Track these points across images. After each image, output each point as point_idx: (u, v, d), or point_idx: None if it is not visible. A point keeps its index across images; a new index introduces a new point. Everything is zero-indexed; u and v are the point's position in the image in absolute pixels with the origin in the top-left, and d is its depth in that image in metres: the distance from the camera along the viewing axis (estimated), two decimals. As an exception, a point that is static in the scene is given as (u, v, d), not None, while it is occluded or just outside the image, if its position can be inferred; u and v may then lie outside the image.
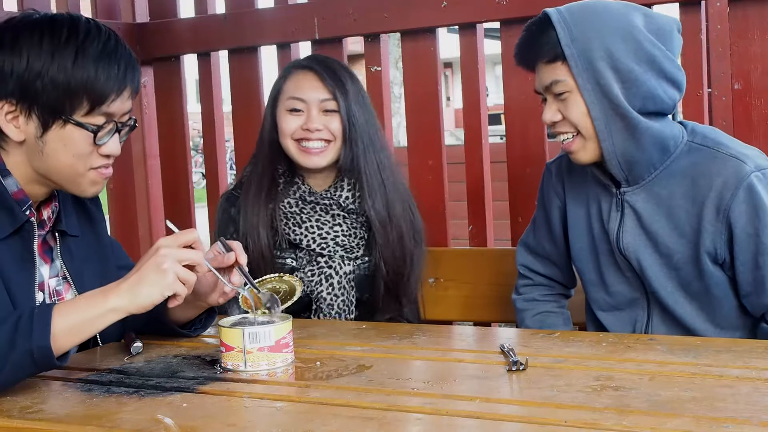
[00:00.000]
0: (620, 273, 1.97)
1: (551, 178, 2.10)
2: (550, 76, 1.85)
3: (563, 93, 1.84)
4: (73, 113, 1.56)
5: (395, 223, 2.19)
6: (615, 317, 2.01)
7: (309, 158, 2.16)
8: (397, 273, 2.20)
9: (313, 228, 2.17)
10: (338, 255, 2.17)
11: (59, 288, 1.73)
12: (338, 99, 2.14)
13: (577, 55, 1.80)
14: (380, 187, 2.18)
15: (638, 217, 1.90)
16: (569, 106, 1.84)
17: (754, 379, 1.38)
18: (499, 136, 8.73)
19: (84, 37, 1.56)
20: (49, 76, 1.53)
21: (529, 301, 2.18)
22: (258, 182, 2.19)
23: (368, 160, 2.17)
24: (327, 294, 2.16)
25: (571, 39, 1.80)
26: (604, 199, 1.96)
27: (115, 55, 1.58)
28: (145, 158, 3.26)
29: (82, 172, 1.61)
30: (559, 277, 2.18)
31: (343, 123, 2.15)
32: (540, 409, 1.29)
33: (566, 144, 1.89)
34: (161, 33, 3.18)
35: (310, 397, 1.41)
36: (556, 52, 1.82)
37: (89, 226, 1.82)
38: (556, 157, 2.12)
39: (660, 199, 1.88)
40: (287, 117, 2.17)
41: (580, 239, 2.03)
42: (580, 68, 1.80)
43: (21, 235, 1.63)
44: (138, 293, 1.49)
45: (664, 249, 1.89)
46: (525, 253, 2.20)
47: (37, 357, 1.42)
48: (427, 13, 2.68)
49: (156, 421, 1.31)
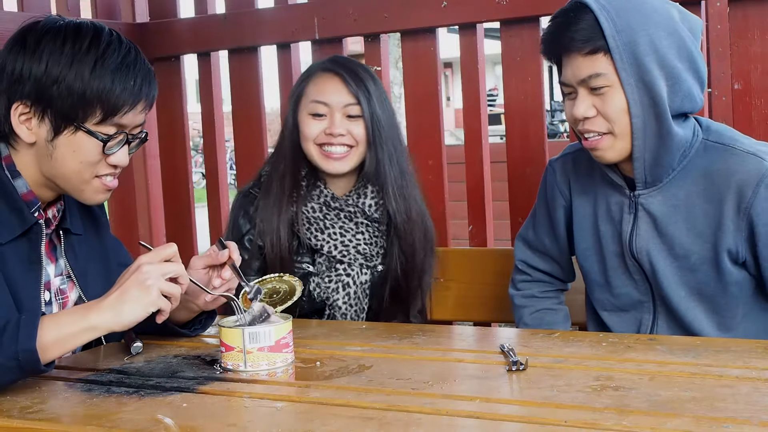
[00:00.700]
0: (628, 275, 1.94)
1: (555, 176, 2.06)
2: (588, 68, 1.75)
3: (602, 87, 1.75)
4: (86, 121, 1.58)
5: (414, 228, 2.18)
6: (619, 318, 1.99)
7: (331, 163, 2.13)
8: (411, 279, 2.20)
9: (335, 235, 2.15)
10: (357, 263, 2.16)
11: (63, 287, 1.74)
12: (362, 104, 2.11)
13: (622, 48, 1.71)
14: (403, 192, 2.17)
15: (653, 220, 1.86)
16: (607, 102, 1.75)
17: (754, 379, 1.38)
18: (499, 136, 8.74)
19: (105, 48, 1.58)
20: (65, 83, 1.55)
21: (527, 297, 2.15)
22: (280, 184, 2.16)
23: (392, 164, 2.15)
24: (343, 303, 2.14)
25: (617, 30, 1.70)
26: (615, 200, 1.92)
27: (134, 68, 1.60)
28: (145, 158, 3.26)
29: (88, 179, 1.62)
30: (558, 273, 2.16)
31: (367, 128, 2.12)
32: (540, 409, 1.29)
33: (593, 141, 1.80)
34: (161, 33, 3.18)
35: (310, 397, 1.41)
36: (598, 44, 1.72)
37: (92, 225, 1.83)
38: (561, 155, 2.07)
39: (677, 199, 1.84)
40: (310, 121, 2.14)
41: (586, 239, 1.99)
42: (625, 62, 1.71)
43: (29, 236, 1.64)
44: (121, 311, 1.49)
45: (680, 251, 1.85)
46: (524, 248, 2.17)
47: (22, 360, 1.43)
48: (427, 13, 2.68)
49: (156, 421, 1.31)
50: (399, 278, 2.17)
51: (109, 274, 1.80)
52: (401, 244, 2.16)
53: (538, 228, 2.13)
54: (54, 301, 1.70)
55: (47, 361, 1.46)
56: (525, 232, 2.18)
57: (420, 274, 2.21)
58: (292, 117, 2.18)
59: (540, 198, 2.13)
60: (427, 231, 2.23)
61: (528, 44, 2.59)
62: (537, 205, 2.15)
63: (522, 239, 2.18)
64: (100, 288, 1.76)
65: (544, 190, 2.11)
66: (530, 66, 2.60)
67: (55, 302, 1.71)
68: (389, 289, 2.18)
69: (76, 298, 1.75)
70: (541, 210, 2.12)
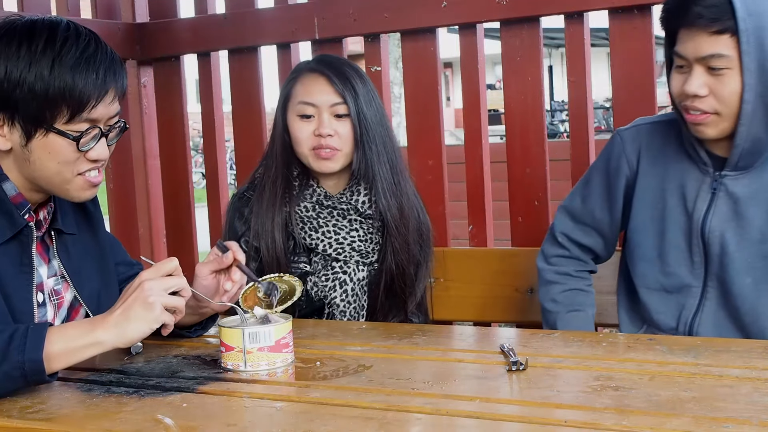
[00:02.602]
0: (686, 255, 1.90)
1: (624, 145, 1.99)
2: (712, 47, 1.69)
3: (722, 69, 1.70)
4: (54, 121, 1.54)
5: (408, 224, 2.19)
6: (661, 298, 1.94)
7: (323, 163, 2.13)
8: (406, 274, 2.20)
9: (330, 233, 2.16)
10: (353, 260, 2.16)
11: (58, 287, 1.72)
12: (348, 103, 2.12)
13: (751, 31, 1.65)
14: (394, 189, 2.17)
15: (734, 202, 1.83)
16: (724, 84, 1.71)
17: (754, 379, 1.38)
18: (499, 136, 8.74)
19: (61, 45, 1.53)
20: (27, 86, 1.51)
21: (561, 274, 2.10)
22: (272, 186, 2.17)
23: (381, 162, 2.15)
24: (341, 300, 2.15)
25: (748, 13, 1.65)
26: (692, 177, 1.87)
27: (94, 60, 1.55)
28: (145, 158, 3.26)
29: (70, 178, 1.60)
30: (600, 248, 2.11)
31: (354, 127, 2.13)
32: (540, 409, 1.29)
33: (698, 117, 1.76)
34: (161, 33, 3.18)
35: (310, 397, 1.41)
36: (727, 24, 1.66)
37: (86, 224, 1.81)
38: (631, 126, 2.02)
39: (761, 184, 1.81)
40: (299, 124, 2.15)
41: (646, 212, 1.95)
42: (752, 46, 1.66)
43: (19, 239, 1.62)
44: (125, 329, 1.49)
45: (757, 235, 1.82)
46: (567, 219, 2.11)
47: (28, 370, 1.43)
48: (427, 13, 2.68)
49: (156, 421, 1.31)
50: (394, 274, 2.18)
51: (105, 272, 1.79)
52: (395, 241, 2.17)
53: (590, 198, 2.07)
54: (48, 302, 1.69)
55: (51, 372, 1.46)
56: (570, 202, 2.12)
57: (416, 269, 2.21)
58: (281, 118, 2.19)
59: (598, 167, 2.07)
60: (422, 225, 2.24)
61: (528, 44, 2.59)
62: (591, 175, 2.09)
63: (566, 210, 2.12)
64: (95, 287, 1.76)
65: (607, 158, 2.04)
66: (530, 66, 2.60)
67: (49, 303, 1.69)
68: (385, 284, 2.18)
69: (72, 298, 1.74)
70: (599, 178, 2.06)
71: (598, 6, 2.52)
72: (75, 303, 1.74)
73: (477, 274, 2.54)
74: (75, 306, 1.74)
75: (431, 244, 2.28)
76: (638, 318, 2.02)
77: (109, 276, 1.82)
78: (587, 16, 2.54)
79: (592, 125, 2.60)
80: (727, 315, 1.88)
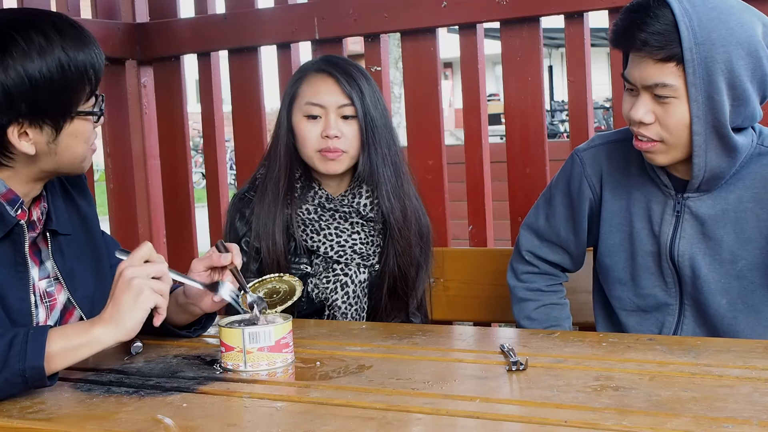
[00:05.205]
0: (658, 277, 1.88)
1: (584, 168, 1.95)
2: (657, 75, 1.66)
3: (667, 97, 1.66)
4: (78, 105, 1.58)
5: (410, 226, 2.18)
6: (640, 318, 1.93)
7: (327, 164, 2.12)
8: (407, 277, 2.20)
9: (331, 235, 2.15)
10: (355, 263, 2.16)
11: (50, 290, 1.70)
12: (356, 104, 2.11)
13: (697, 62, 1.61)
14: (397, 191, 2.16)
15: (701, 224, 1.80)
16: (669, 113, 1.68)
17: (754, 379, 1.38)
18: (499, 136, 8.74)
19: (58, 31, 1.55)
20: (46, 79, 1.52)
21: (533, 291, 2.09)
22: (274, 187, 2.15)
23: (386, 164, 2.14)
24: (342, 303, 2.14)
25: (696, 42, 1.60)
26: (656, 200, 1.85)
27: (85, 34, 1.59)
28: (145, 158, 3.27)
29: (88, 154, 1.65)
30: (567, 264, 2.09)
31: (361, 129, 2.12)
32: (540, 409, 1.29)
33: (645, 144, 1.73)
34: (161, 33, 3.18)
35: (310, 397, 1.41)
36: (673, 52, 1.62)
37: (81, 224, 1.79)
38: (589, 146, 1.98)
39: (726, 204, 1.78)
40: (306, 125, 2.13)
41: (614, 235, 1.92)
42: (698, 77, 1.62)
43: (11, 238, 1.61)
44: (121, 321, 1.48)
45: (727, 256, 1.79)
46: (532, 237, 2.08)
47: (29, 377, 1.42)
48: (427, 13, 2.69)
49: (156, 421, 1.31)
50: (396, 276, 2.17)
51: (100, 274, 1.78)
52: (397, 243, 2.16)
53: (554, 218, 2.04)
54: (40, 304, 1.67)
55: (51, 373, 1.46)
56: (534, 220, 2.08)
57: (417, 271, 2.21)
58: (286, 118, 2.18)
59: (560, 188, 2.03)
60: (422, 228, 2.24)
61: (528, 44, 2.59)
62: (553, 194, 2.05)
63: (530, 228, 2.10)
64: (89, 289, 1.75)
65: (568, 179, 2.00)
66: (530, 66, 2.60)
67: (42, 305, 1.68)
68: (387, 287, 2.18)
69: (65, 300, 1.72)
70: (561, 199, 2.02)
71: (598, 6, 2.52)
72: (68, 305, 1.72)
73: (477, 274, 2.54)
74: (69, 308, 1.72)
75: (431, 246, 2.28)
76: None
77: (105, 278, 1.78)
78: (587, 16, 2.55)
79: (592, 125, 2.60)
80: (707, 333, 1.87)
